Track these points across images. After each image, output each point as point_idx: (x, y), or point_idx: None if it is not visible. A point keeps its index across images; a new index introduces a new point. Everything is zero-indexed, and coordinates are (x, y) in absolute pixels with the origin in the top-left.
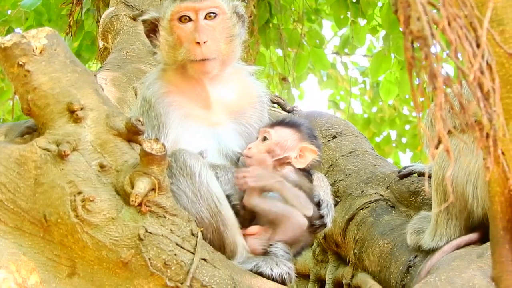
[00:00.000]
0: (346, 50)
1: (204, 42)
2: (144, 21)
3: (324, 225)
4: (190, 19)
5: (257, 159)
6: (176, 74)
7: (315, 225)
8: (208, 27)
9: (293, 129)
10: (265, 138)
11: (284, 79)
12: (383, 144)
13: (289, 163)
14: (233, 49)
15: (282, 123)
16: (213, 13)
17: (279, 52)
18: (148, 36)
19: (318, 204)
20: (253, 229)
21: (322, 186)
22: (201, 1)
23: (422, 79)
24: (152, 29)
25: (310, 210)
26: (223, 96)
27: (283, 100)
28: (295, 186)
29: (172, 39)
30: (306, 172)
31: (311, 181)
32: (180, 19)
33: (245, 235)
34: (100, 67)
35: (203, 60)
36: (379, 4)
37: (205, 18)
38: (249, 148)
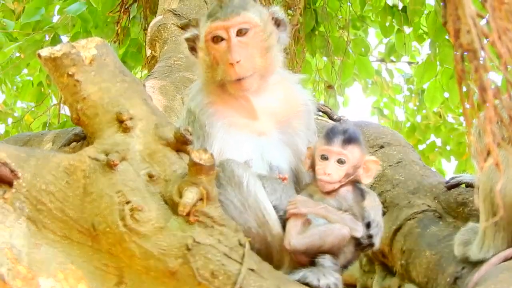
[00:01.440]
0: (392, 58)
1: (237, 62)
2: (186, 39)
3: (372, 245)
4: (223, 39)
5: (335, 184)
6: (218, 86)
7: (362, 243)
8: (241, 44)
9: (359, 145)
10: (340, 161)
11: (330, 86)
12: (427, 152)
13: (357, 180)
14: (271, 60)
15: (350, 141)
16: (244, 28)
17: (325, 59)
18: (191, 52)
19: (368, 224)
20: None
21: (373, 206)
22: (230, 19)
23: (472, 91)
24: (193, 47)
25: (358, 232)
26: (268, 105)
27: (330, 109)
28: (346, 209)
29: (209, 59)
30: (358, 189)
31: (362, 196)
32: (213, 39)
33: None
34: (148, 75)
35: (239, 79)
36: (425, 11)
37: (237, 35)
38: (330, 174)
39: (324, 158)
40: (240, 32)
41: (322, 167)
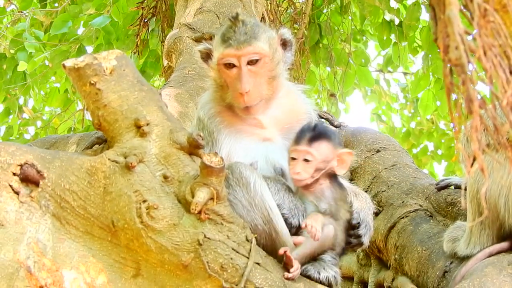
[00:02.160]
0: (389, 69)
1: (247, 92)
2: (199, 51)
3: (360, 244)
4: (234, 65)
5: (307, 180)
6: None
7: (352, 242)
8: (251, 72)
9: (327, 140)
10: (306, 159)
11: (332, 95)
12: (420, 155)
13: (332, 172)
14: (277, 85)
15: (315, 138)
16: (255, 59)
17: (329, 69)
18: (204, 61)
19: (357, 225)
20: (299, 239)
21: (363, 208)
22: (242, 49)
23: (459, 102)
24: (206, 57)
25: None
26: (274, 115)
27: (331, 116)
28: (326, 203)
29: (220, 81)
30: (336, 182)
31: (341, 187)
32: (225, 65)
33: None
34: (165, 84)
35: (247, 107)
36: (420, 26)
37: (248, 63)
38: (298, 172)
39: (293, 158)
40: (251, 62)
41: (292, 167)
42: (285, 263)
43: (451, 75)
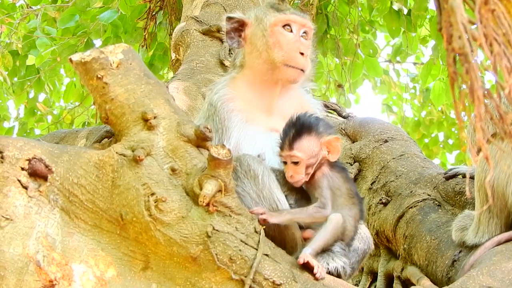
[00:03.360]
0: (398, 58)
1: (304, 55)
2: (230, 18)
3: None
4: (291, 31)
5: (302, 180)
6: (245, 81)
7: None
8: (305, 43)
9: (307, 135)
10: (294, 162)
11: (339, 86)
12: (431, 145)
13: (326, 160)
14: (310, 67)
15: (295, 138)
16: (307, 32)
17: (337, 60)
18: (227, 34)
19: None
20: (308, 233)
21: (363, 248)
22: (305, 19)
23: (464, 91)
24: (236, 28)
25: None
26: (284, 107)
27: (339, 106)
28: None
29: (271, 41)
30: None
31: (343, 170)
32: (283, 26)
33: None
34: (172, 77)
35: (300, 69)
36: (428, 16)
37: (301, 36)
38: (291, 176)
39: (284, 162)
40: (304, 33)
41: (285, 171)
42: (305, 266)
43: (455, 64)
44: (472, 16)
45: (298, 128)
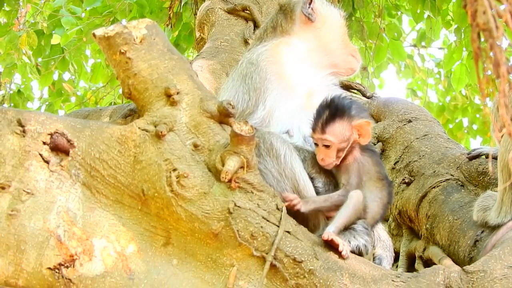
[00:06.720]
0: (423, 43)
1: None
2: None
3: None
4: None
5: (333, 163)
6: (292, 50)
7: None
8: None
9: (340, 119)
10: (325, 145)
11: (364, 68)
12: (455, 130)
13: (357, 144)
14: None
15: (328, 122)
16: None
17: (361, 43)
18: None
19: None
20: (331, 213)
21: (386, 256)
22: None
23: (488, 68)
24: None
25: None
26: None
27: (363, 87)
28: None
29: (337, 40)
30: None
31: (374, 153)
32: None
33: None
34: (197, 56)
35: (359, 64)
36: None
37: None
38: (322, 159)
39: (315, 144)
40: None
41: (317, 153)
42: (329, 244)
43: (479, 40)
44: None
45: (332, 111)
